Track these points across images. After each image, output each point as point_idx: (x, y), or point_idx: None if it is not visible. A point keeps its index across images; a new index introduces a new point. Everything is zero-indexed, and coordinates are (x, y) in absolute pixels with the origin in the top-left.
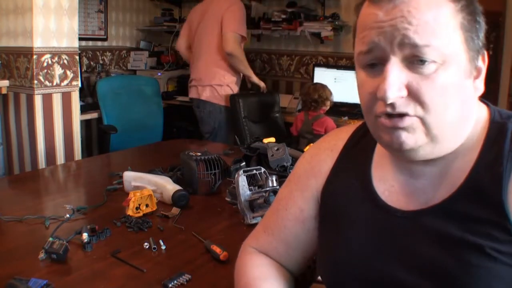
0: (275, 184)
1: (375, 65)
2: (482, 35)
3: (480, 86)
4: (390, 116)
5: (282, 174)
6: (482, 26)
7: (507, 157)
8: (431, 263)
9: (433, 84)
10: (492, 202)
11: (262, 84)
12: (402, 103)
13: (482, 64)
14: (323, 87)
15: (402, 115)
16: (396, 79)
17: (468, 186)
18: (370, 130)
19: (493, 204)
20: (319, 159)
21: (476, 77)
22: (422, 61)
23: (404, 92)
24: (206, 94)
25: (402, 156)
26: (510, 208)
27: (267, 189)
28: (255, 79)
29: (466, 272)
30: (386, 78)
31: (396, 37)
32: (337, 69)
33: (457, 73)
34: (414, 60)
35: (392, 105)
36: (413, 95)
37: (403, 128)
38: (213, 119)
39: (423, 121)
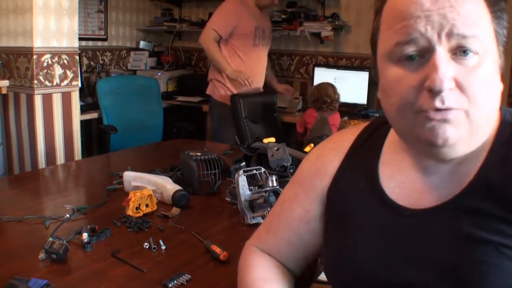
0: (275, 184)
1: (413, 58)
2: (506, 32)
3: (500, 82)
4: (436, 110)
5: (282, 174)
6: (505, 22)
7: None
8: (441, 261)
9: (478, 76)
10: (503, 199)
11: (234, 75)
12: (450, 97)
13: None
14: (336, 87)
15: (449, 109)
16: (447, 68)
17: (478, 182)
18: (400, 129)
19: (504, 201)
20: (324, 160)
21: None
22: (466, 53)
23: (453, 84)
24: (208, 89)
25: (438, 154)
26: None
27: (267, 189)
28: (228, 71)
29: (477, 269)
30: (439, 68)
31: (445, 27)
32: (337, 69)
33: (493, 66)
34: (458, 52)
35: (442, 98)
36: (460, 87)
37: (449, 122)
38: (212, 113)
39: (467, 114)
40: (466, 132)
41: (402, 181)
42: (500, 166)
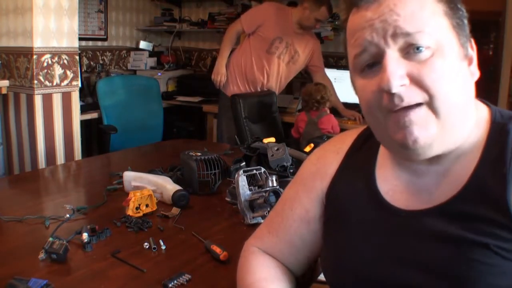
0: (275, 184)
1: (372, 65)
2: (466, 21)
3: (475, 71)
4: (399, 111)
5: (282, 174)
6: (465, 13)
7: (511, 157)
8: (436, 262)
9: (432, 68)
10: (497, 202)
11: (213, 76)
12: (407, 93)
13: (472, 51)
14: (324, 88)
15: (411, 107)
16: (396, 67)
17: (472, 186)
18: (376, 133)
19: (498, 204)
20: (325, 161)
21: (469, 64)
22: (418, 49)
23: (406, 81)
24: None
25: (414, 155)
26: None
27: (267, 189)
28: (216, 66)
29: (472, 269)
30: (387, 68)
31: (388, 30)
32: (337, 69)
33: (453, 57)
34: (410, 50)
35: (399, 96)
36: (416, 81)
37: (415, 123)
38: (220, 108)
39: (431, 106)
40: (436, 128)
41: (395, 184)
42: (492, 168)
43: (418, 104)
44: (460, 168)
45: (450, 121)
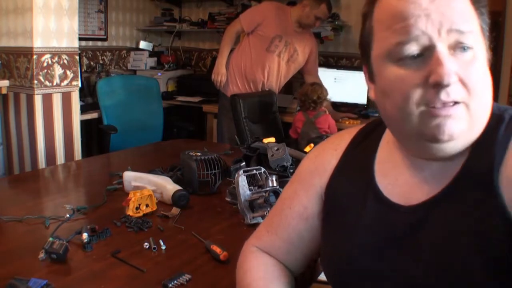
0: (275, 184)
1: (415, 56)
2: (487, 27)
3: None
4: (440, 106)
5: (282, 174)
6: (487, 17)
7: (500, 142)
8: (436, 255)
9: (475, 70)
10: (486, 185)
11: (213, 76)
12: (454, 90)
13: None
14: (321, 87)
15: (451, 103)
16: (451, 64)
17: (463, 173)
18: (397, 127)
19: (487, 188)
20: (323, 158)
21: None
22: (464, 49)
23: (456, 78)
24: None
25: (439, 150)
26: (502, 190)
27: (267, 189)
28: (217, 65)
29: (469, 260)
30: (444, 63)
31: (444, 24)
32: (337, 69)
33: (484, 59)
34: (456, 48)
35: (447, 92)
36: (461, 81)
37: (453, 118)
38: (221, 108)
39: (467, 107)
40: (466, 125)
41: (395, 178)
42: (482, 153)
43: (457, 102)
44: (457, 159)
45: (478, 122)
